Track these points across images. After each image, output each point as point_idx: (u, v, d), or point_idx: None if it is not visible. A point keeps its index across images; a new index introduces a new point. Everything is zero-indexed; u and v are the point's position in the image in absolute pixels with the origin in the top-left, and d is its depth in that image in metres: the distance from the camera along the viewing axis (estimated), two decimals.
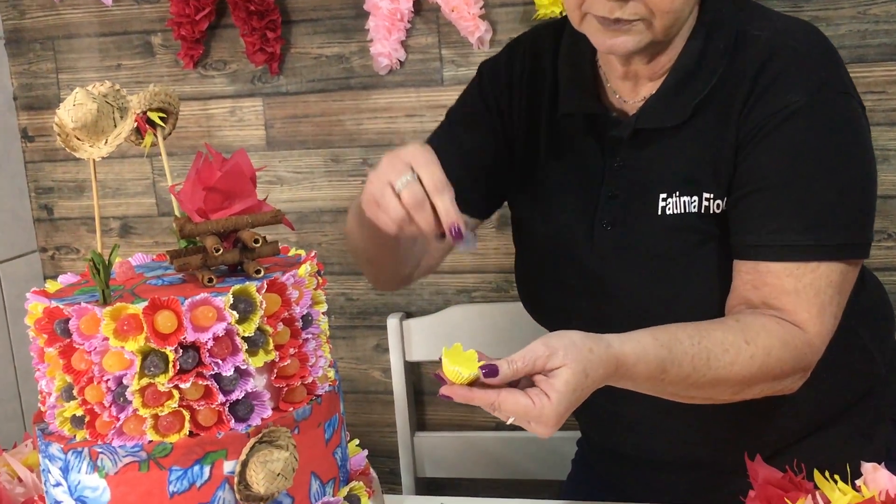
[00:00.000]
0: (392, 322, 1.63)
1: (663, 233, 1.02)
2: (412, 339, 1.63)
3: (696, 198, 1.00)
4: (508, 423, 0.83)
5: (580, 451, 1.36)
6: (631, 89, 1.06)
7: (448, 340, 1.64)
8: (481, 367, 0.81)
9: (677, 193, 1.01)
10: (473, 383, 0.82)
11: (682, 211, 1.01)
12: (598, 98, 1.08)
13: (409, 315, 1.69)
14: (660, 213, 1.02)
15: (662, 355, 0.88)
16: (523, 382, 0.84)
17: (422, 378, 1.76)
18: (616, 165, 1.05)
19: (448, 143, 1.12)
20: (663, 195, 1.02)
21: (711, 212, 1.01)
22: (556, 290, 1.11)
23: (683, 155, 1.01)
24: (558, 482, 1.42)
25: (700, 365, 0.91)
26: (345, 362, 1.79)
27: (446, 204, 0.88)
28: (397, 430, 1.67)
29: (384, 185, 0.89)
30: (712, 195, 1.00)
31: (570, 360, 0.81)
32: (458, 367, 0.81)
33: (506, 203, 1.20)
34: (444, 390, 0.82)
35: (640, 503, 1.08)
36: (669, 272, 1.02)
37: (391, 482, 1.76)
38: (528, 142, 1.13)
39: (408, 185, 0.88)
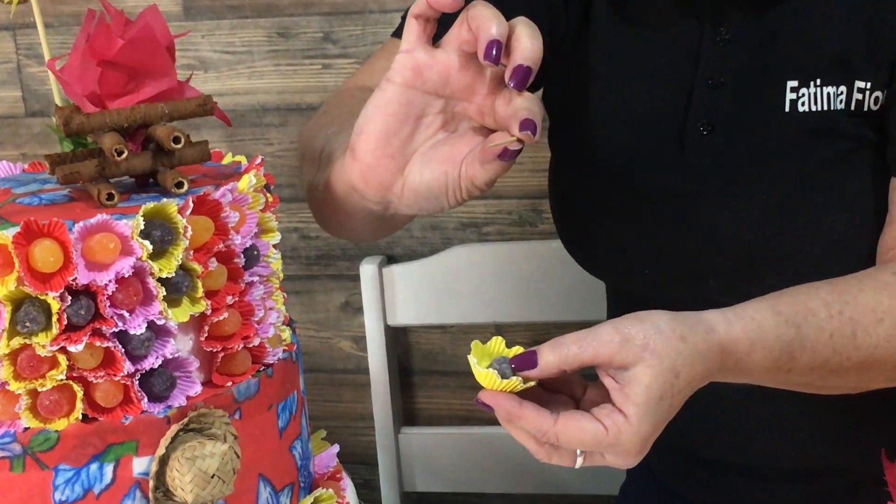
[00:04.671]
0: (368, 270, 1.63)
1: (793, 139, 1.02)
2: (396, 294, 1.63)
3: (843, 88, 1.00)
4: (577, 466, 0.83)
5: None
6: None
7: (448, 295, 1.66)
8: (512, 360, 0.81)
9: (817, 82, 1.00)
10: (526, 394, 0.82)
11: (824, 107, 1.01)
12: None
13: (391, 259, 1.69)
14: (788, 109, 1.01)
15: (788, 336, 0.88)
16: (590, 395, 0.84)
17: (410, 350, 1.76)
18: (721, 39, 1.04)
19: None
20: (793, 83, 1.01)
21: (866, 108, 1.00)
22: (620, 225, 1.11)
23: (826, 24, 1.01)
24: (606, 497, 1.43)
25: (843, 345, 0.90)
26: (299, 328, 1.78)
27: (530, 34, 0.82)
28: (375, 426, 1.68)
29: None
30: (868, 84, 1.00)
31: (651, 355, 0.80)
32: (497, 368, 0.81)
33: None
34: (482, 396, 0.82)
35: None
36: (799, 198, 1.02)
37: (367, 498, 1.77)
38: None
39: None
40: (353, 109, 1.03)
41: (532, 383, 0.82)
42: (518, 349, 0.82)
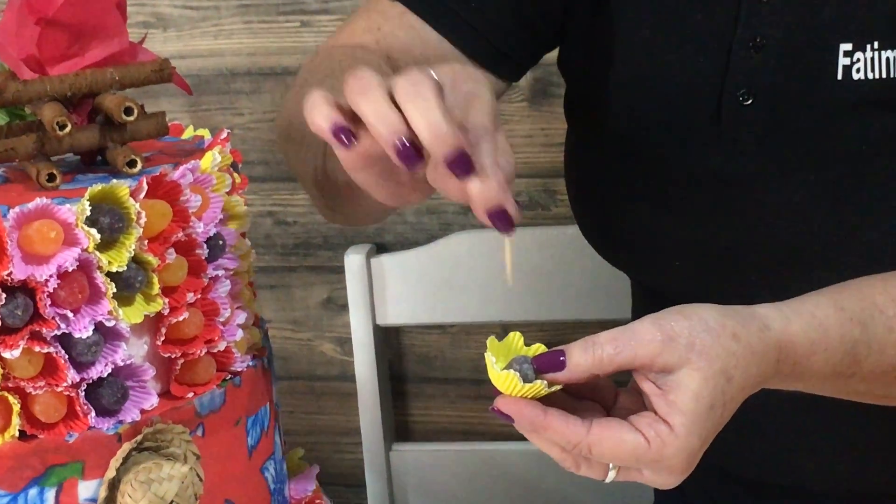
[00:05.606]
0: (354, 261, 1.63)
1: (846, 111, 1.02)
2: (387, 289, 1.64)
3: None
4: (608, 480, 0.82)
5: None
6: None
7: (447, 290, 1.66)
8: (535, 358, 0.80)
9: (875, 45, 1.00)
10: (549, 399, 0.81)
11: (882, 75, 1.00)
12: None
13: (381, 249, 1.69)
14: (841, 76, 1.01)
15: (853, 336, 0.88)
16: (623, 403, 0.84)
17: (403, 354, 1.76)
18: None
19: None
20: (846, 46, 1.01)
21: None
22: (646, 210, 1.11)
23: None
24: None
25: None
26: (274, 329, 1.79)
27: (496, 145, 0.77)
28: (362, 442, 1.69)
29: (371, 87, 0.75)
30: None
31: (699, 356, 0.80)
32: (518, 370, 0.80)
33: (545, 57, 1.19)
34: (499, 403, 0.81)
35: None
36: (853, 180, 1.02)
37: None
38: None
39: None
40: (335, 69, 1.02)
41: (557, 387, 0.81)
42: (540, 347, 0.81)
